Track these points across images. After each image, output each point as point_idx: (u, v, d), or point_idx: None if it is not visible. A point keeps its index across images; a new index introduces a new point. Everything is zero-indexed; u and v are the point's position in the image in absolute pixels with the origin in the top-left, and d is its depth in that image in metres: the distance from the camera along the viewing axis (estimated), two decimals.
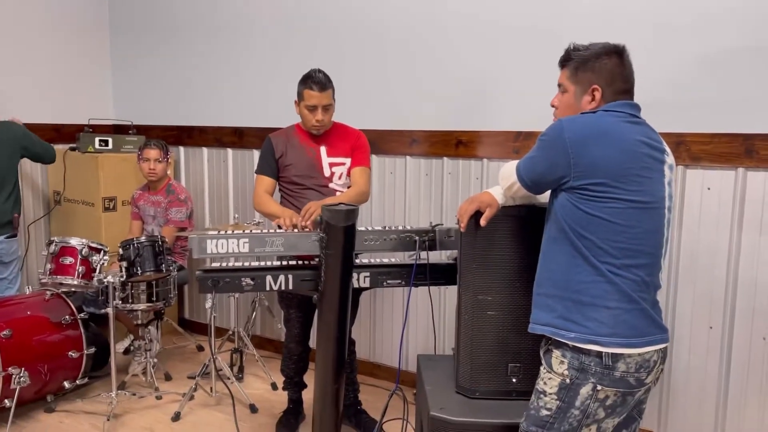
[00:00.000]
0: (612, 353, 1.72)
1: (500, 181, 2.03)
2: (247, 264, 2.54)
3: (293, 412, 3.24)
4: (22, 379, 3.11)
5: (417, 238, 2.44)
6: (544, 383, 1.82)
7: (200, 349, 4.34)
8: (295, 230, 2.55)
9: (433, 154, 3.54)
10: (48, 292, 3.46)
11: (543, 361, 1.85)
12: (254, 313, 4.13)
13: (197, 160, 4.53)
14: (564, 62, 1.92)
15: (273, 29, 4.06)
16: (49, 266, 3.35)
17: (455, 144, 3.45)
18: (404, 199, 3.67)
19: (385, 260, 2.65)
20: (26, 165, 4.25)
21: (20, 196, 3.79)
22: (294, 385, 3.23)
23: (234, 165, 4.35)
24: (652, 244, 1.78)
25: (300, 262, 2.57)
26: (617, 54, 1.86)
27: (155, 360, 3.71)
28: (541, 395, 1.82)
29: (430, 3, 3.46)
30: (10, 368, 3.09)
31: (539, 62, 3.11)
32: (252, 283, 2.46)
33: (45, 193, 4.53)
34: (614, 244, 1.73)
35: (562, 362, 1.77)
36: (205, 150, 4.48)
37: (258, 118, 4.17)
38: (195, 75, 4.48)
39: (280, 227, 2.64)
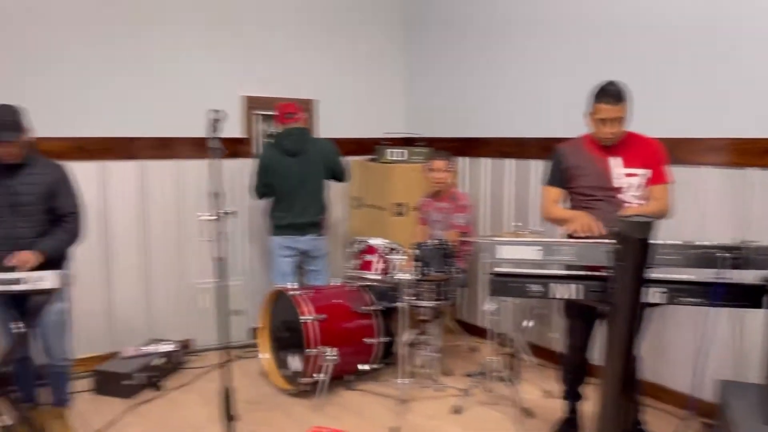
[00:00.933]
0: None
1: None
2: (536, 271, 2.63)
3: (570, 422, 3.24)
4: (331, 357, 3.63)
5: (722, 254, 2.28)
6: None
7: (475, 349, 4.56)
8: (589, 235, 2.56)
9: (735, 164, 3.23)
10: (351, 285, 3.99)
11: None
12: (530, 321, 4.21)
13: (478, 170, 4.78)
14: None
15: (568, 35, 4.10)
16: (354, 262, 3.85)
17: (765, 152, 3.11)
18: (698, 212, 3.42)
19: (683, 276, 2.50)
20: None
21: (328, 201, 4.39)
22: (572, 395, 3.23)
23: (513, 175, 4.49)
24: None
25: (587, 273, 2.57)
26: None
27: (437, 355, 4.02)
28: None
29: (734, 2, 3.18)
30: (322, 347, 3.63)
31: None
32: (541, 290, 2.54)
33: (346, 199, 5.18)
34: None
35: None
36: (486, 160, 4.70)
37: (540, 128, 4.25)
38: (479, 89, 4.74)
39: (571, 236, 2.67)
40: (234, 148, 4.58)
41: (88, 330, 4.13)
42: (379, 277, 3.80)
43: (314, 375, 3.66)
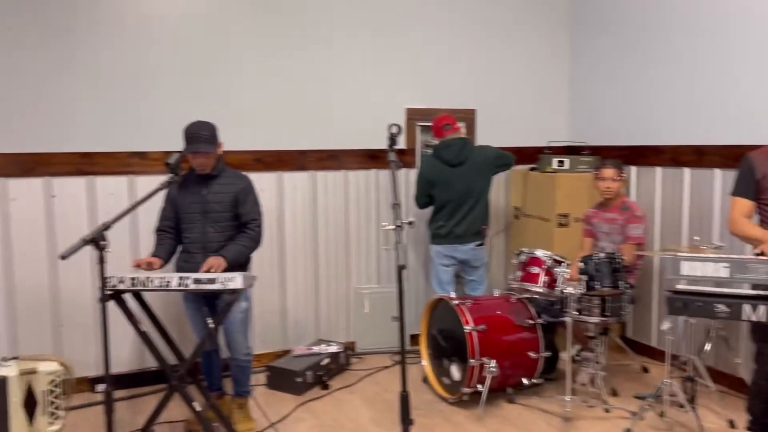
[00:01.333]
0: None
1: None
2: (723, 290, 2.43)
3: None
4: (492, 368, 3.61)
5: None
6: None
7: (645, 370, 4.28)
8: None
9: None
10: (513, 296, 3.93)
11: None
12: (708, 343, 3.87)
13: (649, 179, 4.50)
14: None
15: (756, 29, 3.76)
16: (518, 273, 3.80)
17: None
18: None
19: None
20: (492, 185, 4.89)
21: (489, 211, 4.37)
22: (761, 427, 2.93)
23: (691, 185, 4.17)
24: None
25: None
26: None
27: (603, 373, 3.83)
28: None
29: None
30: (483, 358, 3.61)
31: None
32: (727, 310, 2.35)
33: (506, 209, 5.13)
34: None
35: None
36: (658, 170, 4.42)
37: (720, 135, 3.91)
38: (650, 93, 4.46)
39: (761, 254, 2.44)
40: (398, 158, 4.71)
41: (264, 328, 4.48)
42: (543, 290, 3.71)
43: (475, 385, 3.65)
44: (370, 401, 3.89)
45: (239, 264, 3.32)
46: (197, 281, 2.91)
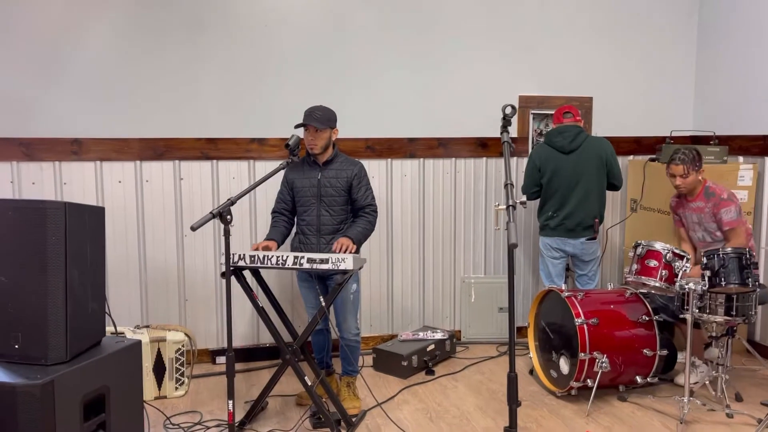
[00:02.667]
0: None
1: None
2: None
3: None
4: (603, 364, 3.48)
5: None
6: None
7: None
8: None
9: None
10: (628, 291, 3.77)
11: None
12: None
13: None
14: None
15: None
16: (634, 266, 3.64)
17: None
18: None
19: None
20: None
21: (604, 204, 4.20)
22: None
23: None
24: None
25: None
26: None
27: (726, 377, 3.59)
28: None
29: None
30: (594, 352, 3.50)
31: None
32: None
33: (623, 201, 4.91)
34: None
35: None
36: None
37: None
38: None
39: None
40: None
41: (371, 313, 4.58)
42: (661, 285, 3.53)
43: (585, 380, 3.55)
44: (474, 389, 3.88)
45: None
46: (311, 260, 3.03)
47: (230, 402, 2.79)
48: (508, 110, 2.39)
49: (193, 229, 2.67)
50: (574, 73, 4.76)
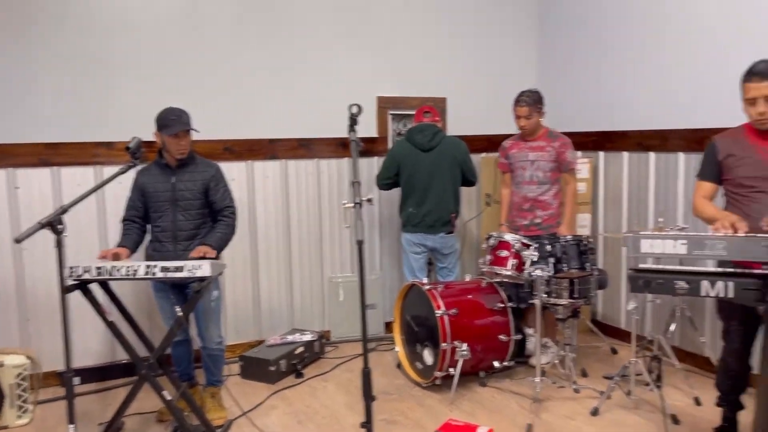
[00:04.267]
0: None
1: None
2: (681, 267, 2.48)
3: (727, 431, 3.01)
4: (464, 352, 3.64)
5: None
6: None
7: (614, 351, 4.36)
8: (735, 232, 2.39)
9: None
10: (484, 281, 3.97)
11: None
12: (674, 323, 3.95)
13: (617, 164, 4.57)
14: None
15: (716, 16, 3.83)
16: (488, 257, 3.84)
17: None
18: None
19: None
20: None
21: (459, 200, 4.37)
22: (729, 403, 3.00)
23: (656, 169, 4.24)
24: None
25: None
26: None
27: (573, 355, 3.89)
28: None
29: None
30: (455, 341, 3.64)
31: None
32: (686, 287, 2.39)
33: (478, 196, 5.16)
34: None
35: None
36: (625, 154, 4.49)
37: (685, 120, 3.99)
38: (616, 79, 4.53)
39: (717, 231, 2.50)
40: (368, 146, 4.73)
41: (237, 319, 4.47)
42: (512, 273, 3.75)
43: (447, 369, 3.69)
44: (344, 387, 3.90)
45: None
46: (164, 269, 2.88)
47: (71, 427, 2.59)
48: (354, 109, 2.43)
49: (18, 241, 2.46)
50: (429, 73, 4.93)
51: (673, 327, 3.92)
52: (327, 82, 4.59)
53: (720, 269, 2.40)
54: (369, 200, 2.46)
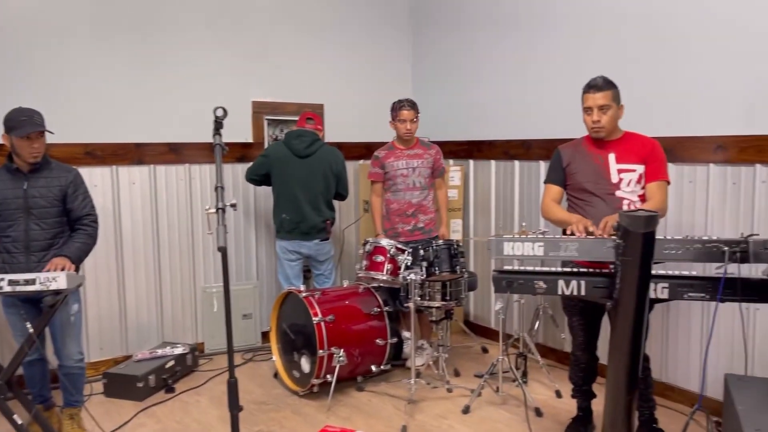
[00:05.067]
0: None
1: None
2: (538, 268, 2.64)
3: (582, 421, 3.24)
4: (341, 358, 3.65)
5: (726, 248, 2.28)
6: None
7: (484, 350, 4.56)
8: (590, 236, 2.58)
9: (742, 161, 3.24)
10: (361, 286, 4.01)
11: None
12: (537, 322, 4.20)
13: (485, 172, 4.80)
14: None
15: (571, 35, 4.13)
16: (364, 263, 3.88)
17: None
18: (705, 210, 3.42)
19: (685, 272, 2.51)
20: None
21: (333, 207, 4.36)
22: (582, 393, 3.23)
23: (521, 176, 4.50)
24: None
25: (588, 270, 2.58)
26: None
27: (446, 356, 4.02)
28: None
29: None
30: (332, 348, 3.65)
31: None
32: (544, 286, 2.55)
33: (357, 203, 5.21)
34: None
35: None
36: (492, 162, 4.72)
37: (545, 130, 4.27)
38: (485, 91, 4.76)
39: (572, 233, 2.69)
40: (243, 152, 4.64)
41: (102, 334, 4.20)
42: (387, 278, 3.82)
43: (325, 376, 3.68)
44: (218, 400, 3.78)
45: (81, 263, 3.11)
46: (13, 283, 2.66)
47: None
48: (219, 113, 2.38)
49: None
50: (306, 80, 4.93)
51: (537, 325, 4.17)
52: (199, 87, 4.45)
53: (575, 269, 2.58)
54: (233, 205, 2.41)
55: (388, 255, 3.82)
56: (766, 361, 3.20)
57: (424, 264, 3.65)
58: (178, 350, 4.16)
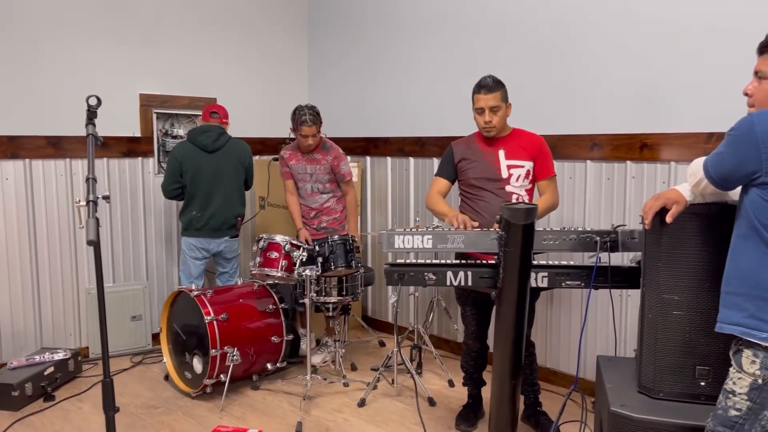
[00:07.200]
0: None
1: (688, 178, 1.99)
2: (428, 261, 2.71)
3: (472, 407, 3.35)
4: (234, 357, 3.58)
5: (598, 238, 2.44)
6: (734, 383, 1.76)
7: (382, 344, 4.63)
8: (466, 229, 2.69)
9: (615, 158, 3.48)
10: (256, 284, 3.95)
11: (732, 361, 1.78)
12: (432, 314, 4.32)
13: (381, 168, 4.86)
14: (764, 48, 1.83)
15: (464, 37, 4.26)
16: (258, 259, 3.82)
17: (639, 147, 3.37)
18: (584, 204, 3.65)
19: (563, 262, 2.67)
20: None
21: (245, 203, 4.30)
22: (473, 381, 3.35)
23: (415, 173, 4.60)
24: None
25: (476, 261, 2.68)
26: None
27: (343, 351, 4.04)
28: (730, 395, 1.76)
29: (613, 3, 3.43)
30: (225, 347, 3.57)
31: (727, 62, 2.95)
32: (434, 278, 2.62)
33: (252, 199, 5.13)
34: None
35: (753, 362, 1.70)
36: (388, 159, 4.79)
37: (439, 128, 4.38)
38: (380, 89, 4.83)
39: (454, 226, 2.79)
40: (131, 146, 4.44)
41: None
42: (282, 275, 3.78)
43: (218, 376, 3.59)
44: (101, 406, 3.58)
45: None
46: None
47: None
48: (93, 101, 2.27)
49: None
50: (198, 73, 4.78)
51: (431, 317, 4.28)
52: (81, 78, 4.20)
53: (462, 261, 2.68)
54: (105, 197, 2.30)
55: (283, 251, 3.78)
56: (633, 342, 3.46)
57: (320, 260, 3.65)
58: (59, 356, 3.92)
